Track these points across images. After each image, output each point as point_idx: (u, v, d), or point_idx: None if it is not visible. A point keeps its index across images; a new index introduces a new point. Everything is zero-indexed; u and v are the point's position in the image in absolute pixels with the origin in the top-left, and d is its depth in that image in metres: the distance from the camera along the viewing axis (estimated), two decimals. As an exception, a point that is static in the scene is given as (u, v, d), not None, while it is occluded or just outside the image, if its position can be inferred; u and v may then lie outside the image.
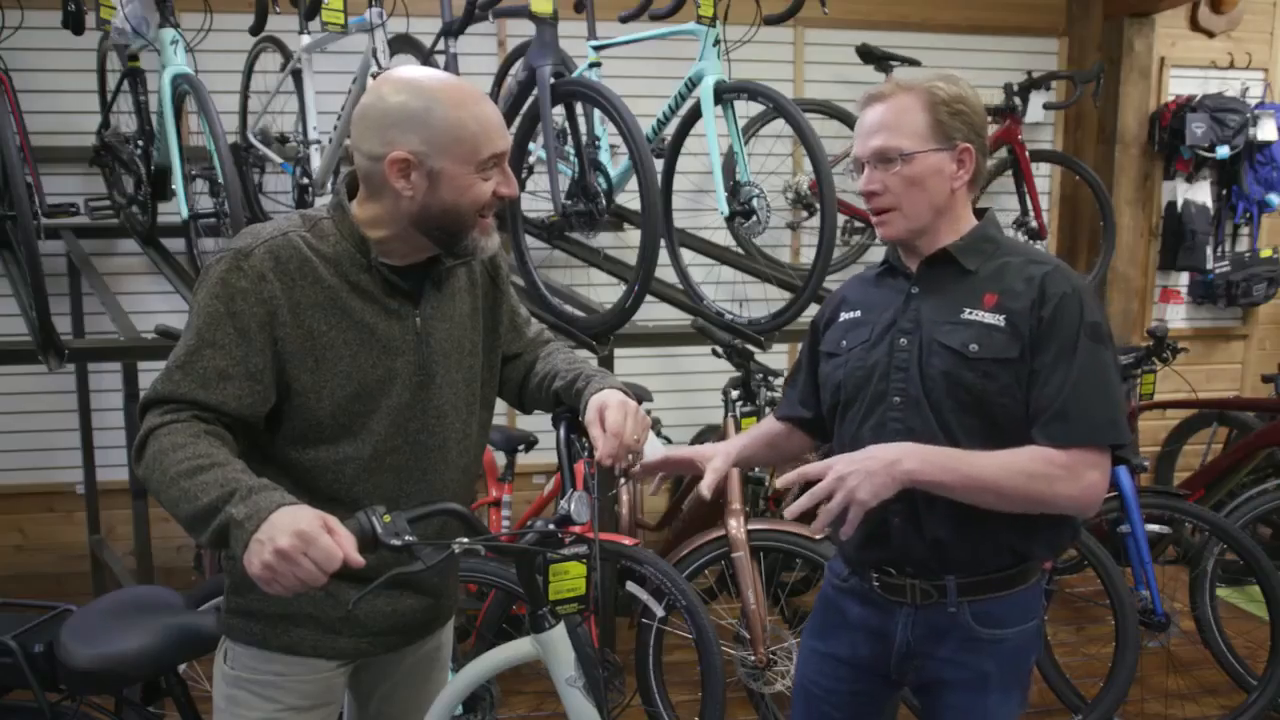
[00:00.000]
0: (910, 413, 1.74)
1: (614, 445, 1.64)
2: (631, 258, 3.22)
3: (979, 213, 1.84)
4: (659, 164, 3.33)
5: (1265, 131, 4.97)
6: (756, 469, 3.88)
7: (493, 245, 1.65)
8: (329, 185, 3.58)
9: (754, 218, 3.23)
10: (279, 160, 3.90)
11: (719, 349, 3.35)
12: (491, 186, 1.58)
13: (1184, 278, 5.30)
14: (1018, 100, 4.59)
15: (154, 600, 2.10)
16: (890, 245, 1.88)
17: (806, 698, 1.95)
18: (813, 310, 3.32)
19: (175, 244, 3.79)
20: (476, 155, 1.55)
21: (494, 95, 4.16)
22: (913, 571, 1.79)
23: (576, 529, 1.70)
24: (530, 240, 3.56)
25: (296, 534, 1.31)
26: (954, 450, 1.65)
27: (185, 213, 3.28)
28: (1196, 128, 4.88)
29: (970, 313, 1.72)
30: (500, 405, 1.92)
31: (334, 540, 1.33)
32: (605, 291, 3.97)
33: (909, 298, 1.80)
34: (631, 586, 2.99)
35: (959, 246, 1.77)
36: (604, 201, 3.27)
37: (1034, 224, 4.61)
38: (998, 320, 1.70)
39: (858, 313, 1.88)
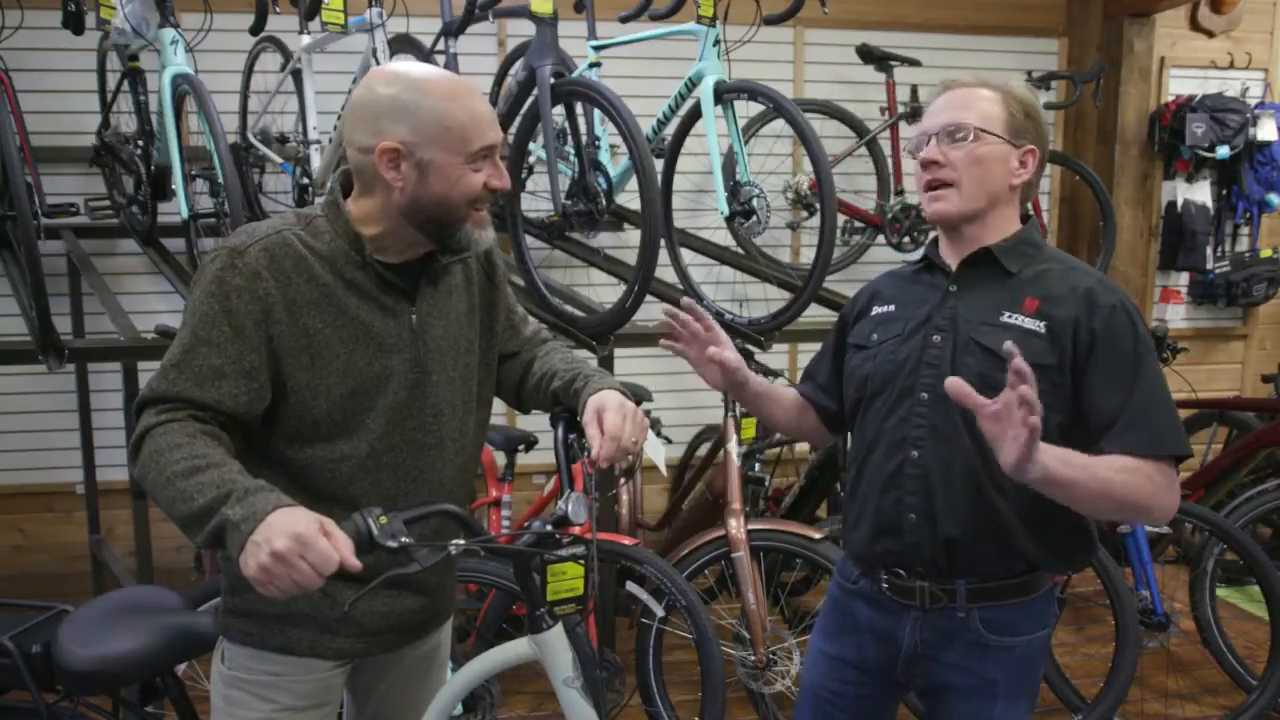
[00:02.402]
0: (937, 410, 1.73)
1: (612, 449, 1.63)
2: (631, 258, 3.22)
3: (1024, 220, 1.83)
4: (659, 164, 3.32)
5: (1265, 131, 4.96)
6: (757, 466, 3.89)
7: (488, 238, 1.65)
8: (329, 185, 3.58)
9: (754, 218, 3.23)
10: (279, 160, 3.90)
11: (719, 349, 3.35)
12: (482, 178, 1.58)
13: (1184, 278, 5.30)
14: (1018, 100, 4.59)
15: (151, 601, 2.10)
16: (930, 243, 1.87)
17: (813, 699, 1.95)
18: (813, 310, 3.35)
19: (175, 244, 3.79)
20: (466, 146, 1.55)
21: (494, 95, 4.16)
22: (922, 572, 1.77)
23: (575, 529, 1.70)
24: (530, 240, 3.55)
25: (293, 537, 1.31)
26: (1073, 452, 1.57)
27: (185, 213, 3.28)
28: (1196, 128, 4.88)
29: (1010, 316, 1.72)
30: (499, 405, 1.92)
31: (331, 544, 1.33)
32: (605, 291, 3.97)
33: (946, 295, 1.79)
34: (631, 586, 2.99)
35: (1002, 247, 1.76)
36: (604, 201, 3.27)
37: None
38: (1038, 326, 1.69)
39: (891, 307, 1.87)
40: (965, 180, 1.74)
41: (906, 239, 4.45)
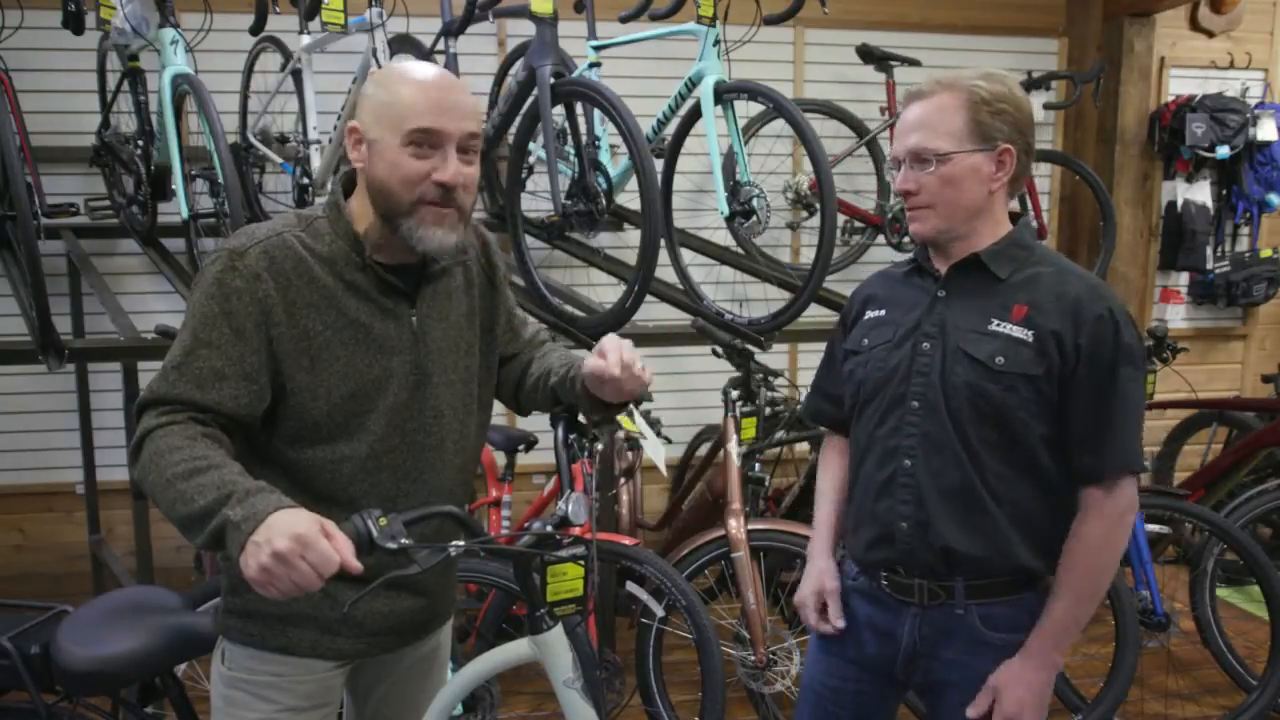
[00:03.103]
0: (928, 419, 1.73)
1: (615, 356, 1.61)
2: (631, 258, 3.22)
3: (1012, 218, 1.82)
4: (659, 164, 3.32)
5: (1265, 131, 4.96)
6: (757, 466, 3.89)
7: (437, 239, 1.55)
8: (329, 185, 3.58)
9: (754, 218, 3.23)
10: (279, 160, 3.90)
11: (719, 349, 3.35)
12: (422, 167, 1.52)
13: (1184, 278, 5.30)
14: (1018, 100, 4.59)
15: (151, 601, 2.10)
16: (920, 245, 1.86)
17: (813, 696, 1.95)
18: (813, 310, 3.34)
19: (175, 244, 3.79)
20: (402, 124, 1.51)
21: (494, 95, 4.16)
22: (920, 573, 1.78)
23: (575, 530, 1.70)
24: (530, 240, 3.55)
25: (294, 538, 1.30)
26: (1061, 612, 1.72)
27: (185, 213, 3.28)
28: (1196, 128, 4.88)
29: (998, 324, 1.71)
30: (499, 405, 1.92)
31: (331, 545, 1.32)
32: (605, 291, 3.97)
33: (935, 301, 1.79)
34: (631, 586, 2.99)
35: (991, 253, 1.75)
36: (604, 201, 3.27)
37: (1034, 224, 4.61)
38: (1025, 335, 1.69)
39: (883, 311, 1.87)
40: (940, 203, 1.74)
41: (906, 239, 4.45)
